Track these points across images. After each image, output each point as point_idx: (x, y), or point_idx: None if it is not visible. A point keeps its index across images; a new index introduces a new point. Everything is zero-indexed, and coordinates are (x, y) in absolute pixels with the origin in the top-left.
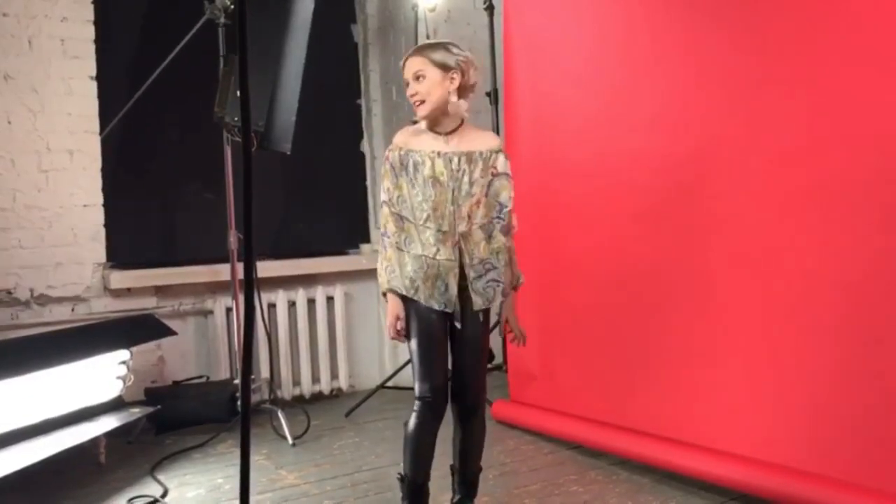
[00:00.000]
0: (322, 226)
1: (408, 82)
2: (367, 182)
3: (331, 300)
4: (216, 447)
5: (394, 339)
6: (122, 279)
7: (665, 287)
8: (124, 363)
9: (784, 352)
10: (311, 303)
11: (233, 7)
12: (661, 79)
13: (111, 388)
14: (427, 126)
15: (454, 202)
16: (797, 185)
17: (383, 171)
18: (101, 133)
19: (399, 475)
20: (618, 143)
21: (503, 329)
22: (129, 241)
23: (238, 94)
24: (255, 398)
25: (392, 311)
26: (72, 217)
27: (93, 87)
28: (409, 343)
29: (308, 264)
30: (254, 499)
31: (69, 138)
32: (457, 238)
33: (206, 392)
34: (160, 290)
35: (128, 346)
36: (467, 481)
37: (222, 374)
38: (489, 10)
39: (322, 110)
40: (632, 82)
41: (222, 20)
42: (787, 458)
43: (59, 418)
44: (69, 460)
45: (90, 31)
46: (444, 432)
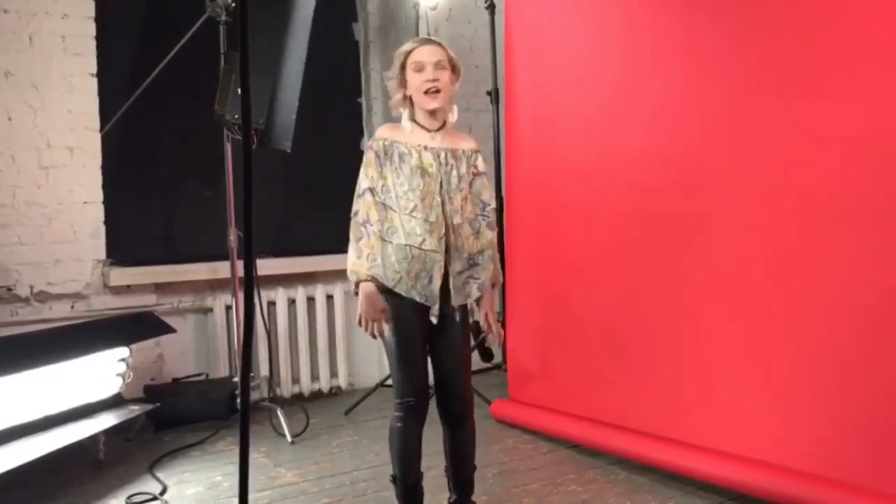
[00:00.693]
0: (322, 224)
1: (423, 67)
2: None
3: (330, 298)
4: (215, 445)
5: (372, 334)
6: (122, 276)
7: (664, 287)
8: (124, 360)
9: (784, 352)
10: (311, 301)
11: (234, 5)
12: (661, 78)
13: (110, 386)
14: (418, 119)
15: (444, 194)
16: (797, 185)
17: (366, 161)
18: (101, 130)
19: (392, 476)
20: (618, 142)
21: (483, 324)
22: (128, 239)
23: (239, 91)
24: (255, 396)
25: (374, 303)
26: (72, 214)
27: (93, 84)
28: (386, 342)
29: (308, 262)
30: (252, 497)
31: (69, 135)
32: (444, 231)
33: (206, 390)
34: (160, 288)
35: (127, 344)
36: (462, 481)
37: (221, 371)
38: (490, 8)
39: (322, 108)
40: (632, 82)
41: (223, 18)
42: (787, 458)
43: (58, 415)
44: (68, 457)
45: (91, 28)
46: (439, 430)
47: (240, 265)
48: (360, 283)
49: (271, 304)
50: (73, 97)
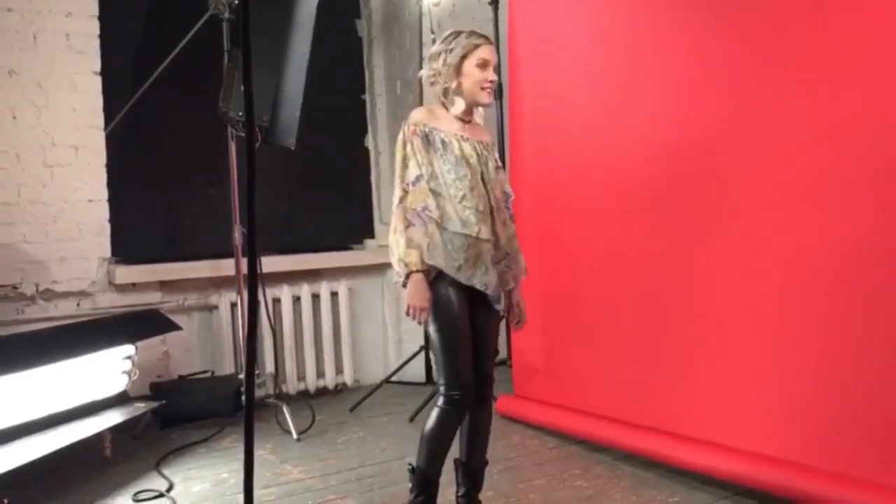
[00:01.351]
0: (326, 221)
1: (487, 65)
2: (372, 177)
3: (335, 295)
4: (221, 442)
5: (420, 322)
6: (127, 274)
7: (668, 282)
8: (129, 358)
9: (789, 347)
10: (316, 298)
11: (237, 2)
12: (663, 75)
13: (116, 383)
14: (456, 110)
15: (487, 185)
16: (800, 181)
17: (411, 148)
18: (105, 128)
19: (410, 466)
20: (621, 138)
21: (507, 312)
22: (133, 237)
23: (242, 89)
24: (260, 393)
25: (421, 293)
26: (76, 212)
27: (97, 83)
28: (434, 335)
29: (312, 259)
30: (258, 493)
31: (74, 133)
32: (491, 221)
33: (211, 387)
34: (165, 286)
35: (133, 341)
36: (473, 473)
37: (227, 368)
38: (494, 4)
39: (326, 105)
40: (635, 78)
41: (226, 15)
42: (792, 453)
43: (64, 413)
44: (75, 455)
45: (95, 27)
46: None
47: (244, 262)
48: (410, 274)
49: (276, 301)
50: (77, 95)
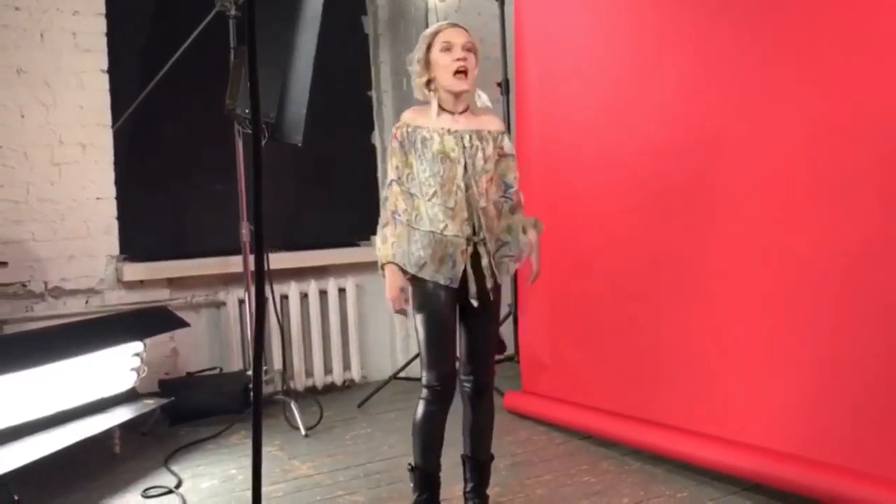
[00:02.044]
0: (334, 217)
1: (451, 47)
2: (378, 174)
3: (343, 292)
4: (229, 438)
5: (398, 312)
6: (135, 271)
7: (675, 277)
8: (138, 355)
9: (797, 340)
10: (323, 294)
11: None
12: (669, 70)
13: (125, 380)
14: (442, 102)
15: (469, 178)
16: (804, 177)
17: (391, 150)
18: (112, 126)
19: (409, 465)
20: (627, 134)
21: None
22: (141, 234)
23: (248, 85)
24: (268, 389)
25: (394, 283)
26: (84, 210)
27: (104, 81)
28: (417, 327)
29: (320, 256)
30: (267, 489)
31: (81, 131)
32: (466, 215)
33: (220, 383)
34: (173, 283)
35: (141, 338)
36: (479, 467)
37: (235, 365)
38: (500, 0)
39: (333, 102)
40: (641, 73)
41: (233, 12)
42: (800, 447)
43: (73, 410)
44: (84, 451)
45: (101, 25)
46: (454, 421)
47: (252, 259)
48: (384, 266)
49: (284, 297)
50: (84, 94)
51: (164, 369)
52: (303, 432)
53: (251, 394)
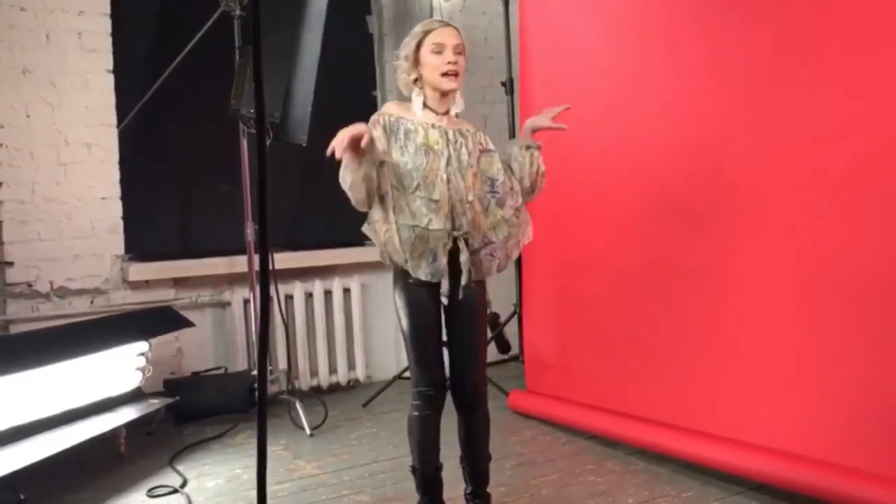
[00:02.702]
0: (338, 217)
1: (443, 49)
2: None
3: (347, 291)
4: (235, 438)
5: (337, 149)
6: (141, 271)
7: (681, 277)
8: (143, 354)
9: (801, 341)
10: (328, 294)
11: None
12: (675, 67)
13: (131, 380)
14: (427, 100)
15: (454, 171)
16: (813, 174)
17: (374, 135)
18: (118, 126)
19: (411, 467)
20: (633, 132)
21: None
22: (146, 234)
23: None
24: (273, 389)
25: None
26: (90, 210)
27: (110, 81)
28: (401, 329)
29: (325, 256)
30: (272, 489)
31: (87, 131)
32: (450, 209)
33: (225, 383)
34: (178, 282)
35: (147, 338)
36: (477, 472)
37: (240, 365)
38: None
39: (337, 102)
40: (647, 71)
41: (238, 12)
42: (805, 448)
43: (79, 409)
44: (90, 450)
45: (106, 25)
46: (453, 420)
47: (257, 259)
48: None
49: (289, 297)
50: (89, 94)
51: (169, 369)
52: (308, 432)
53: (256, 393)
